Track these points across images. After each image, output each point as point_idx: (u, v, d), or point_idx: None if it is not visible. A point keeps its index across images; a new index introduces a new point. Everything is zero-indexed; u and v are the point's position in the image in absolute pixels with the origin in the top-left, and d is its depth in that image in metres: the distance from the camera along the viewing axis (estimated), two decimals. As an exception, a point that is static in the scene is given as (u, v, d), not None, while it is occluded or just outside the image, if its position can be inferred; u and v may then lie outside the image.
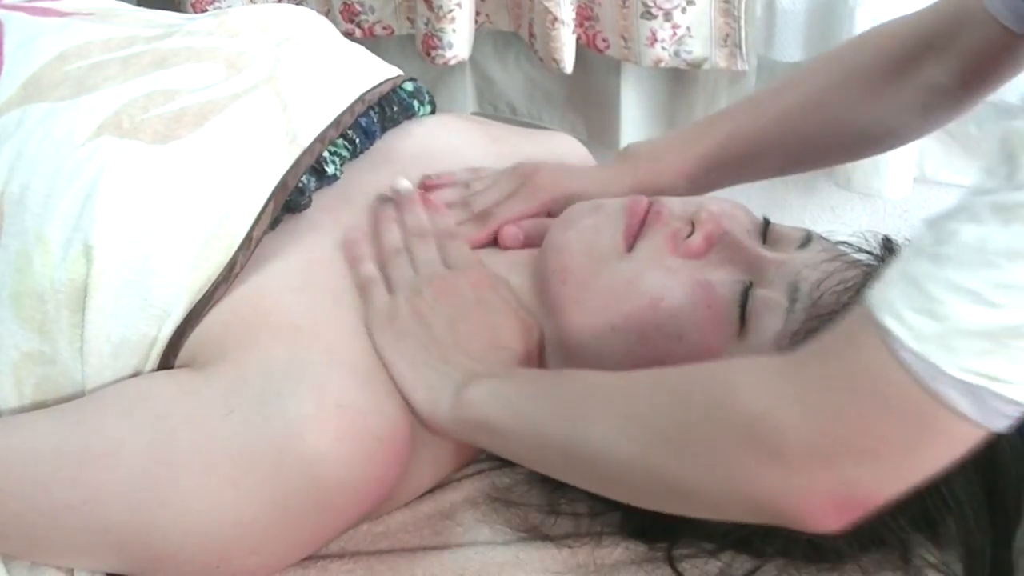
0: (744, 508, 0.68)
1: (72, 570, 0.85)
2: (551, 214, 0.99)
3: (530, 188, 1.00)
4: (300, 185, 0.90)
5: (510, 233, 0.97)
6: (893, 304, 0.59)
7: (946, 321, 0.57)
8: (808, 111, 1.01)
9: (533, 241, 0.97)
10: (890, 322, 0.59)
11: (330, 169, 0.93)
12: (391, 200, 0.95)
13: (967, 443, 0.60)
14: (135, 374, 0.85)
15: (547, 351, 0.91)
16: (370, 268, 0.89)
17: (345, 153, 0.95)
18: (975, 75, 0.94)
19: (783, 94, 1.04)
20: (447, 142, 1.05)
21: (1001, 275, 0.57)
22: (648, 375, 0.75)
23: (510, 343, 0.88)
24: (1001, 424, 0.59)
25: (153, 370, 0.85)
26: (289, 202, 0.90)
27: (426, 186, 1.00)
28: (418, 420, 0.84)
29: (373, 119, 0.99)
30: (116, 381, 0.85)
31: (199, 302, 0.84)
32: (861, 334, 0.61)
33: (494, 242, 0.98)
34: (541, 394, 0.80)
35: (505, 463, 0.95)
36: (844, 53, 1.05)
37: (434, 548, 0.88)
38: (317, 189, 0.92)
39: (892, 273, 0.61)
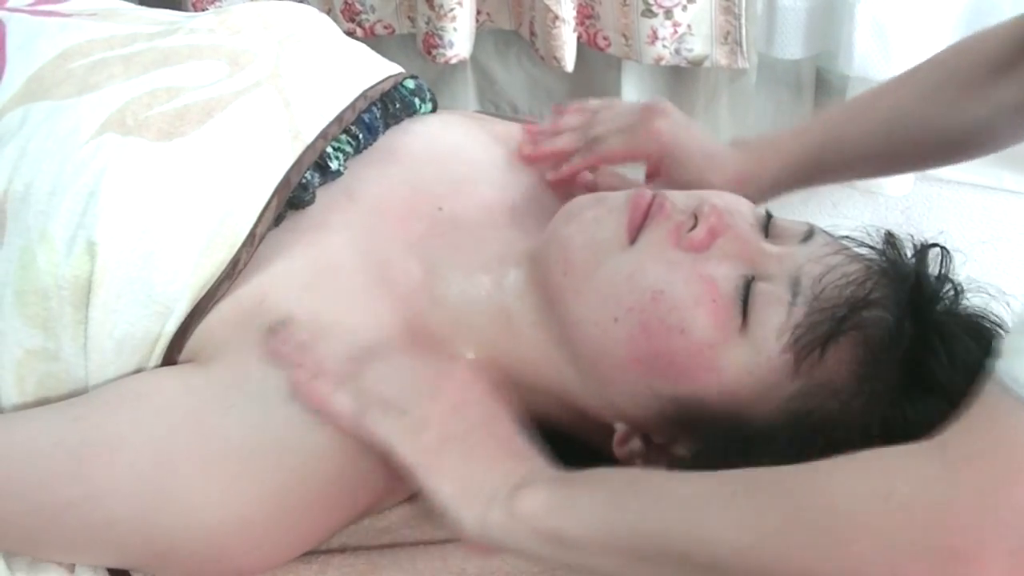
0: None
1: (73, 566, 0.85)
2: (653, 165, 1.04)
3: (645, 131, 1.04)
4: (304, 181, 0.90)
5: (585, 179, 1.05)
6: None
7: None
8: (908, 116, 1.01)
9: (605, 187, 1.02)
10: None
11: (334, 165, 0.93)
12: (281, 331, 0.85)
13: None
14: (138, 371, 0.85)
15: (544, 398, 0.90)
16: (348, 398, 0.81)
17: (348, 149, 0.95)
18: None
19: (883, 99, 1.05)
20: (451, 140, 1.05)
21: None
22: (767, 478, 0.69)
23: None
24: None
25: (156, 367, 0.85)
26: (293, 198, 0.90)
27: (555, 111, 1.09)
28: (461, 538, 0.78)
29: (376, 115, 0.99)
30: (119, 378, 0.85)
31: (203, 299, 0.84)
32: (1011, 417, 0.58)
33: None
34: (629, 500, 0.72)
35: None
36: (944, 57, 1.04)
37: (436, 543, 0.89)
38: (321, 185, 0.92)
39: (1020, 346, 0.60)
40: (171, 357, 0.85)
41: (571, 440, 0.93)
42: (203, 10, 1.65)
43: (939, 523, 0.59)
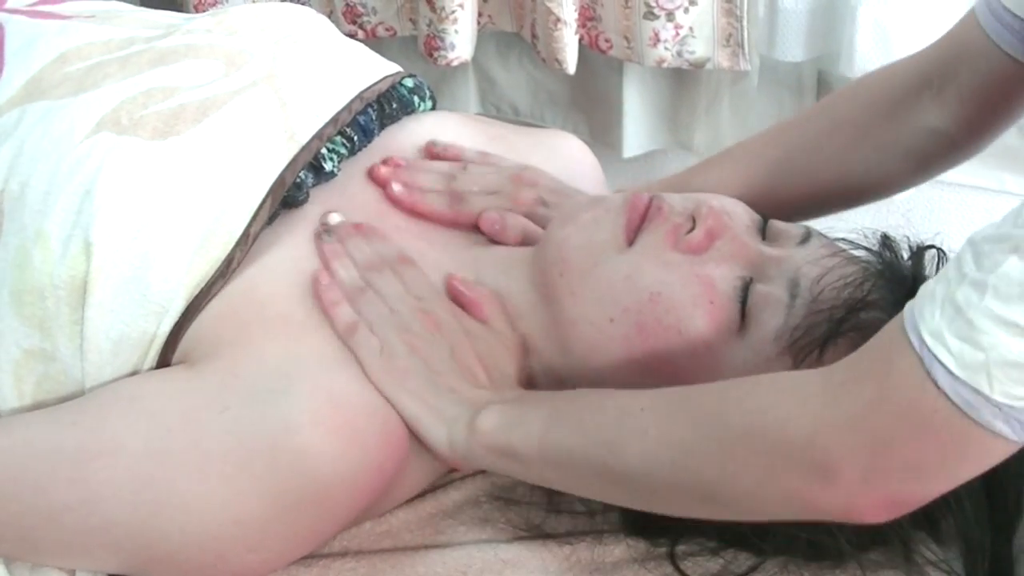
0: (793, 515, 0.71)
1: (73, 571, 0.85)
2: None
3: (515, 198, 1.00)
4: (298, 181, 0.90)
5: (489, 219, 0.98)
6: (939, 331, 0.61)
7: (990, 351, 0.59)
8: (797, 161, 1.00)
9: (510, 235, 0.97)
10: (936, 347, 0.61)
11: (328, 166, 0.93)
12: (328, 233, 0.91)
13: (1003, 456, 0.63)
14: (134, 371, 0.85)
15: (539, 369, 0.92)
16: (348, 312, 0.87)
17: (343, 151, 0.95)
18: (977, 115, 0.92)
19: (773, 144, 1.03)
20: (445, 140, 1.05)
21: None
22: (675, 394, 0.77)
23: (503, 367, 0.89)
24: None
25: (152, 367, 0.85)
26: (287, 198, 0.90)
27: (428, 152, 1.02)
28: (438, 457, 0.85)
29: (372, 117, 0.99)
30: (116, 378, 0.85)
31: (196, 298, 0.85)
32: (898, 357, 0.63)
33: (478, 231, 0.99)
34: (566, 418, 0.80)
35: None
36: (836, 99, 1.04)
37: (436, 547, 0.89)
38: (315, 185, 0.92)
39: (933, 293, 0.63)
40: (165, 358, 0.85)
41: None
42: (205, 11, 1.65)
43: (810, 439, 0.66)
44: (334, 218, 0.92)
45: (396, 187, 0.96)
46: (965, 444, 0.62)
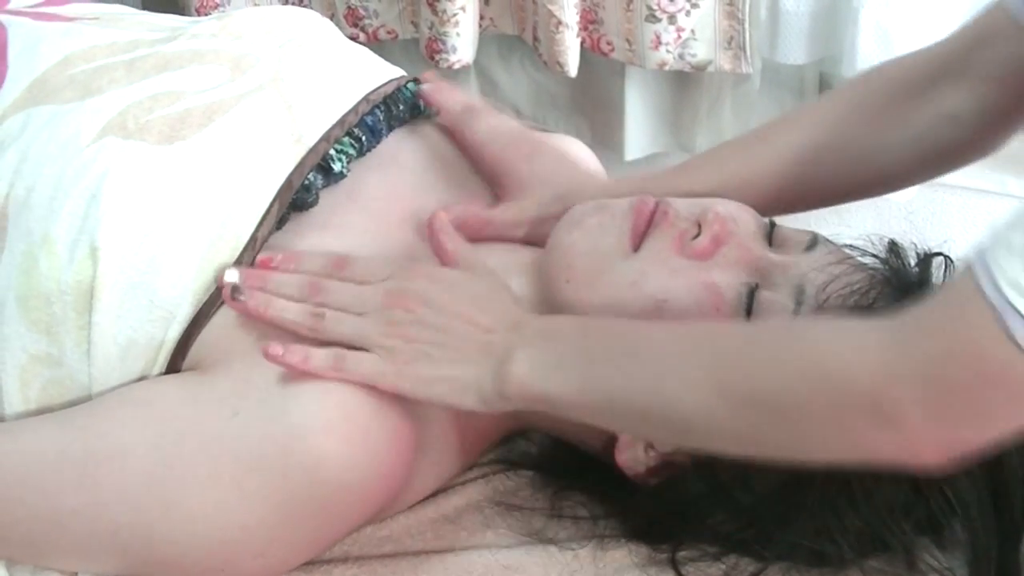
0: (853, 457, 0.72)
1: (76, 574, 0.85)
2: None
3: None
4: (306, 183, 0.90)
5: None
6: (1018, 280, 0.60)
7: None
8: (808, 150, 0.95)
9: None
10: (1015, 297, 0.60)
11: (336, 166, 0.92)
12: (238, 290, 0.84)
13: None
14: (142, 377, 0.85)
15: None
16: (323, 354, 0.82)
17: (352, 151, 0.95)
18: (993, 101, 0.90)
19: (783, 132, 0.99)
20: (454, 146, 1.05)
21: None
22: (722, 334, 0.77)
23: (507, 300, 0.87)
24: None
25: (161, 373, 0.85)
26: (296, 200, 0.89)
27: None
28: (473, 416, 0.84)
29: (379, 117, 0.99)
30: (123, 384, 0.85)
31: (205, 304, 0.84)
32: (971, 309, 0.62)
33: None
34: (605, 363, 0.78)
35: (509, 467, 0.95)
36: (853, 84, 1.02)
37: (438, 552, 0.89)
38: (324, 187, 0.92)
39: (1010, 242, 0.62)
40: (175, 364, 0.85)
41: (574, 450, 0.93)
42: (207, 15, 1.65)
43: (877, 388, 0.65)
44: (231, 275, 0.84)
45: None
46: None
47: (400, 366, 0.82)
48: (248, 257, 0.86)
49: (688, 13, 1.58)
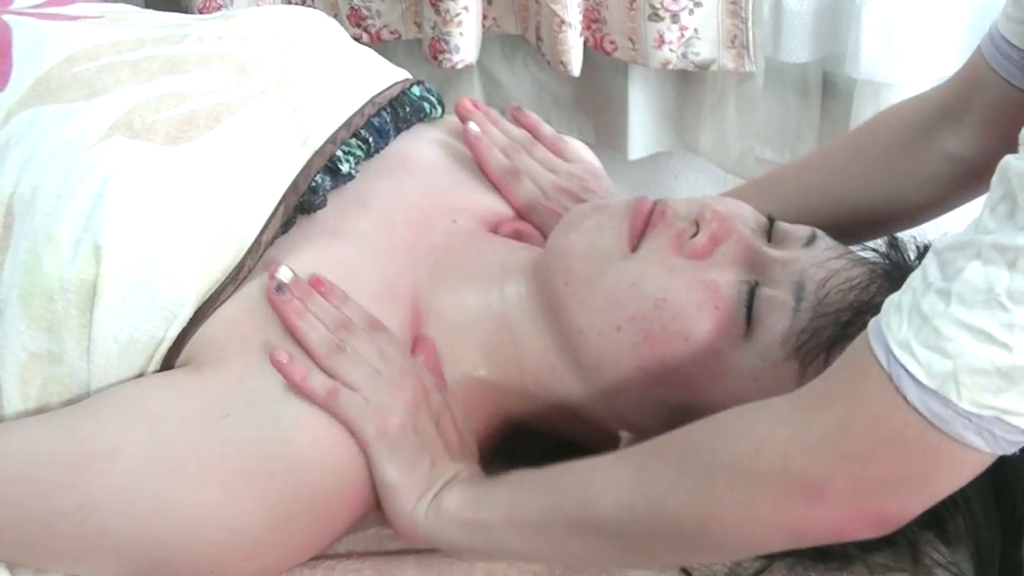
0: (779, 544, 0.71)
1: (72, 577, 0.85)
2: None
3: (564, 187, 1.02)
4: (314, 185, 0.90)
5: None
6: (907, 341, 0.61)
7: (957, 359, 0.59)
8: (820, 192, 1.01)
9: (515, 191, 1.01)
10: (904, 357, 0.61)
11: (344, 167, 0.92)
12: (283, 289, 0.85)
13: (979, 468, 0.64)
14: (140, 374, 0.85)
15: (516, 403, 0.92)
16: (324, 380, 0.82)
17: (359, 152, 0.95)
18: (991, 143, 0.93)
19: (800, 177, 1.05)
20: (462, 151, 1.05)
21: (1008, 317, 0.58)
22: (648, 444, 0.77)
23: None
24: (1010, 450, 0.62)
25: (156, 370, 0.85)
26: (303, 202, 0.89)
27: (511, 113, 1.07)
28: (395, 529, 0.84)
29: (386, 119, 0.99)
30: (121, 381, 0.85)
31: (205, 303, 0.85)
32: (866, 373, 0.63)
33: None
34: (531, 480, 0.80)
35: (510, 465, 0.95)
36: (861, 133, 1.05)
37: (441, 549, 0.88)
38: (332, 188, 0.92)
39: (899, 304, 0.63)
40: (170, 360, 0.85)
41: (577, 449, 0.93)
42: (209, 14, 1.65)
43: (787, 461, 0.66)
44: (285, 273, 0.86)
45: (472, 127, 1.01)
46: (939, 458, 0.62)
47: (387, 428, 0.82)
48: (251, 261, 0.86)
49: (691, 12, 1.58)
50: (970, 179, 0.97)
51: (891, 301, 0.64)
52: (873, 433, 0.63)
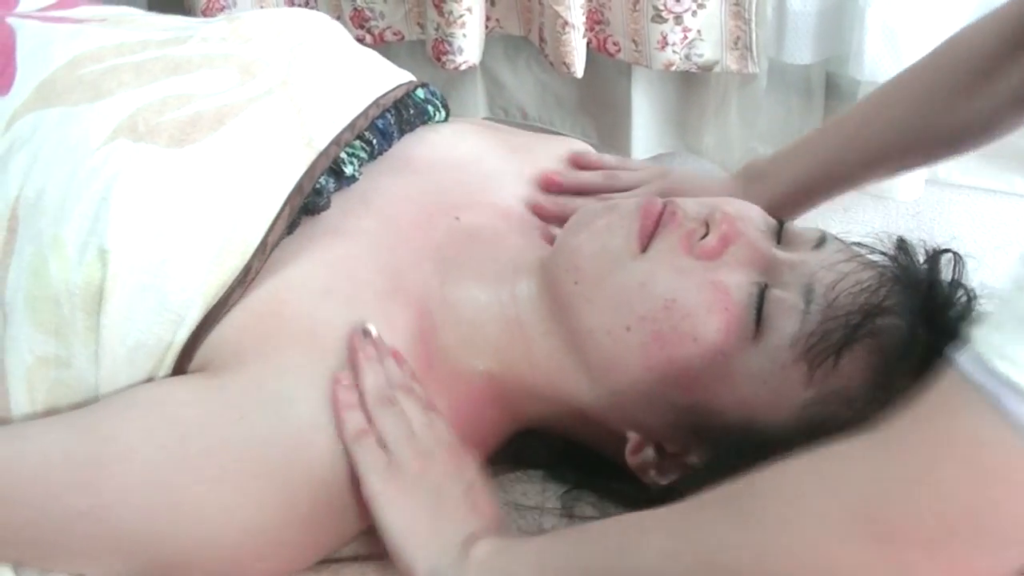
0: None
1: (81, 576, 0.85)
2: None
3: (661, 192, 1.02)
4: (318, 187, 0.90)
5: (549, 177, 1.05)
6: (1004, 347, 0.54)
7: None
8: (908, 123, 1.02)
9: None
10: (1005, 365, 0.53)
11: (348, 170, 0.92)
12: (369, 336, 0.86)
13: None
14: (149, 379, 0.85)
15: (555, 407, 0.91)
16: (360, 419, 0.83)
17: (363, 154, 0.95)
18: None
19: (880, 109, 1.05)
20: (467, 151, 1.05)
21: None
22: (697, 498, 0.70)
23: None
24: None
25: (168, 375, 0.85)
26: (308, 204, 0.89)
27: (573, 162, 1.09)
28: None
29: (390, 120, 0.99)
30: (130, 386, 0.85)
31: (214, 307, 0.84)
32: (957, 397, 0.56)
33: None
34: (571, 536, 0.78)
35: (519, 467, 0.95)
36: (937, 58, 1.04)
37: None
38: (336, 191, 0.92)
39: (992, 321, 0.56)
40: (182, 366, 0.85)
41: (585, 450, 0.93)
42: (213, 16, 1.65)
43: (868, 507, 0.58)
44: (373, 330, 0.86)
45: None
46: None
47: (396, 481, 0.81)
48: (258, 262, 0.86)
49: (694, 13, 1.58)
50: None
51: (981, 329, 0.56)
52: (969, 463, 0.55)
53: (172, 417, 0.81)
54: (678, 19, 1.58)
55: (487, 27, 1.71)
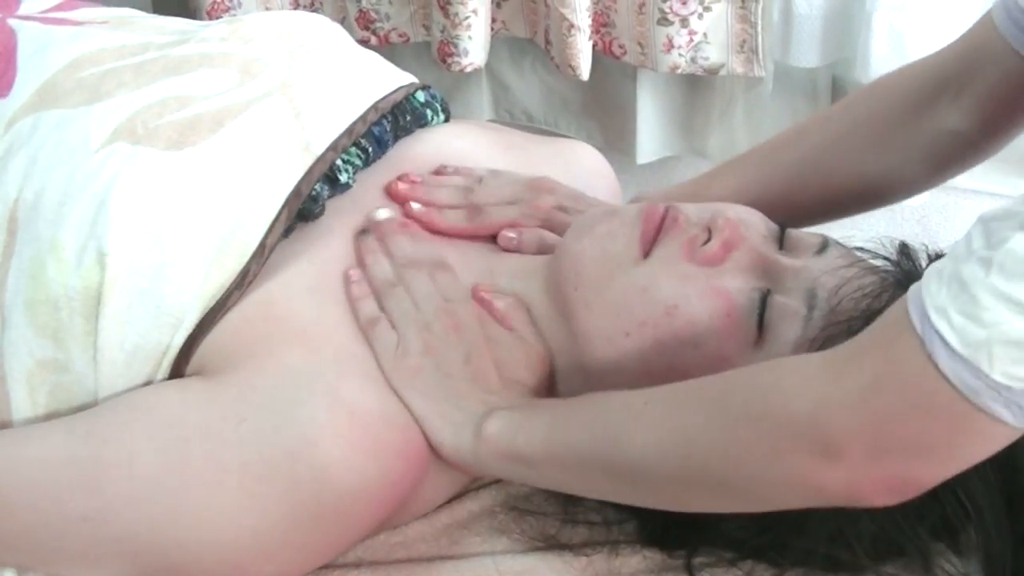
0: (798, 499, 0.71)
1: (86, 580, 0.85)
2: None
3: (534, 205, 0.99)
4: (313, 193, 0.90)
5: (506, 237, 0.98)
6: (943, 307, 0.60)
7: (992, 328, 0.58)
8: (814, 164, 1.01)
9: (528, 249, 0.97)
10: (939, 322, 0.60)
11: (343, 178, 0.93)
12: (367, 232, 0.92)
13: (1005, 441, 0.63)
14: (147, 382, 0.85)
15: (559, 376, 0.91)
16: (372, 307, 0.88)
17: (358, 162, 0.95)
18: (995, 117, 0.92)
19: (789, 146, 1.04)
20: (461, 149, 1.05)
21: None
22: (679, 387, 0.77)
23: (521, 376, 0.89)
24: None
25: (165, 378, 0.85)
26: (303, 210, 0.89)
27: (439, 172, 1.01)
28: (440, 457, 0.85)
29: (386, 128, 0.99)
30: (129, 389, 0.85)
31: (211, 310, 0.84)
32: (900, 336, 0.63)
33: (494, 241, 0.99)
34: (571, 418, 0.81)
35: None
36: (854, 102, 1.04)
37: (451, 557, 0.88)
38: (330, 197, 0.92)
39: (940, 270, 0.62)
40: (179, 368, 0.85)
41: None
42: (217, 18, 1.66)
43: (812, 416, 0.66)
44: (382, 213, 0.93)
45: (415, 205, 0.96)
46: (965, 427, 0.62)
47: (404, 365, 0.85)
48: (256, 265, 0.86)
49: (700, 16, 1.58)
50: (967, 152, 0.96)
51: (933, 267, 0.64)
52: (900, 396, 0.63)
53: (172, 421, 0.81)
54: (684, 22, 1.58)
55: (493, 29, 1.71)
